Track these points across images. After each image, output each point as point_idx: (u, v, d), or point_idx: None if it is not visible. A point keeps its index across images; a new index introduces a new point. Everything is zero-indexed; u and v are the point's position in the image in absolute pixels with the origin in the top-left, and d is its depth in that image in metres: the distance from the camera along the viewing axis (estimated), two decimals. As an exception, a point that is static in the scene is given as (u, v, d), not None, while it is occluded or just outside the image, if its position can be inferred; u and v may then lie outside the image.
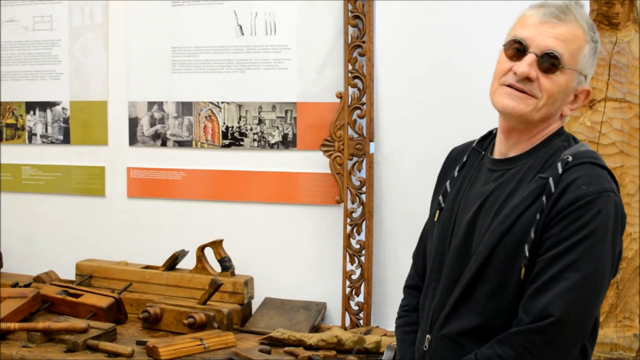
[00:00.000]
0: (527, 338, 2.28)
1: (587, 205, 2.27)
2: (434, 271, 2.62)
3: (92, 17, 4.87)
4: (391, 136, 4.32)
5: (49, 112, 5.00)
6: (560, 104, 2.46)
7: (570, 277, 2.25)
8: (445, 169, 2.81)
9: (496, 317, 2.40)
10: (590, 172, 2.33)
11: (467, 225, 2.51)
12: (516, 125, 2.48)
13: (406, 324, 2.83)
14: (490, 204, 2.47)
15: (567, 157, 2.37)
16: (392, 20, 4.27)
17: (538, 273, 2.30)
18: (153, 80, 4.76)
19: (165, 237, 4.71)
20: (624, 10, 3.37)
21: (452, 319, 2.49)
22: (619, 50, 3.36)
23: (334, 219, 4.42)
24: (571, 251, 2.26)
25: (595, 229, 2.27)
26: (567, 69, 2.41)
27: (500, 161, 2.55)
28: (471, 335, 2.44)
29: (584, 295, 2.28)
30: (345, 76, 4.28)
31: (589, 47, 2.46)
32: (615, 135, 3.33)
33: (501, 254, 2.37)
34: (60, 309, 4.23)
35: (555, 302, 2.24)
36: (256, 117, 4.55)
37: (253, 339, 3.99)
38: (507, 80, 2.44)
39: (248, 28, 4.53)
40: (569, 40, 2.41)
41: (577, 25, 2.43)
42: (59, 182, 5.02)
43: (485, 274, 2.41)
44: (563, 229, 2.28)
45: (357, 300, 4.32)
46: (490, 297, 2.40)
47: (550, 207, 2.30)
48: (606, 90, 3.35)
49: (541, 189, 2.34)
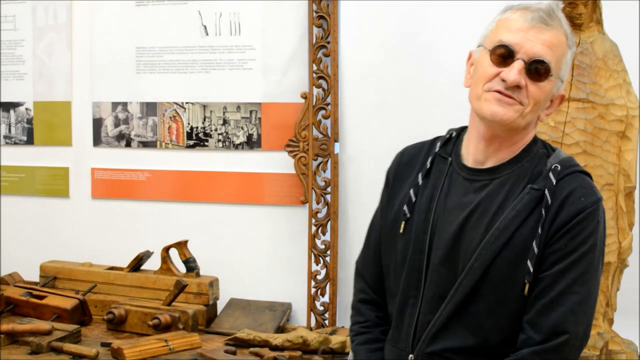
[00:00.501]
0: (543, 358, 2.26)
1: (587, 217, 2.28)
2: (411, 287, 2.52)
3: (56, 17, 4.84)
4: (356, 136, 4.32)
5: (12, 113, 4.97)
6: (539, 108, 2.43)
7: (579, 291, 2.26)
8: (397, 171, 2.72)
9: (494, 335, 2.37)
10: (584, 183, 2.35)
11: (451, 239, 2.44)
12: (500, 133, 2.43)
13: (370, 341, 2.72)
14: (478, 216, 2.41)
15: (556, 166, 2.36)
16: (356, 21, 4.28)
17: (545, 288, 2.29)
18: (117, 81, 4.74)
19: (129, 238, 4.70)
20: (587, 11, 3.38)
21: (442, 337, 2.42)
22: (582, 50, 3.38)
23: (298, 220, 4.42)
24: (577, 265, 2.27)
25: (596, 240, 2.29)
26: (552, 74, 2.37)
27: (480, 171, 2.49)
28: (465, 353, 2.40)
29: (590, 307, 2.30)
30: (310, 76, 4.29)
31: (570, 53, 2.45)
32: (579, 135, 3.34)
33: (499, 270, 2.34)
34: (24, 311, 4.20)
35: (569, 318, 2.24)
36: (221, 118, 4.54)
37: (218, 340, 3.98)
38: (494, 87, 2.37)
39: (212, 28, 4.52)
40: (555, 46, 2.38)
41: (561, 30, 2.40)
42: (22, 183, 4.98)
43: (481, 290, 2.36)
44: (567, 243, 2.28)
45: (323, 301, 4.33)
46: (487, 314, 2.36)
47: (551, 221, 2.30)
48: (569, 90, 3.36)
49: (536, 201, 2.33)
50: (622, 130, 3.38)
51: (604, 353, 3.41)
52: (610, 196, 3.39)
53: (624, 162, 3.39)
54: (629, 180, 3.41)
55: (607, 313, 3.49)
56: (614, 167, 3.38)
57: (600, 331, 3.44)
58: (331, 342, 3.83)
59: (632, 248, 3.47)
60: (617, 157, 3.38)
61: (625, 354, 3.43)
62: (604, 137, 3.36)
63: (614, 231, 3.41)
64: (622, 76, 3.40)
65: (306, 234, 4.36)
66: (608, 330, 3.48)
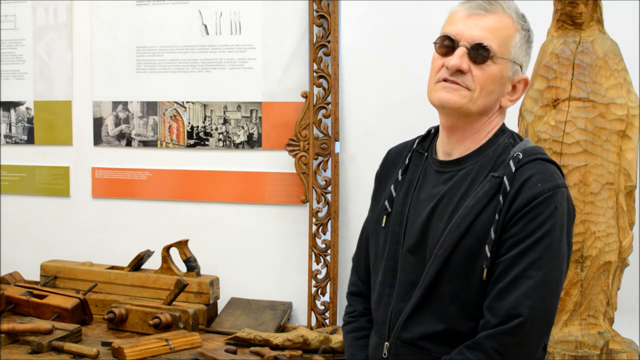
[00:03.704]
0: (498, 340, 2.27)
1: (544, 202, 2.28)
2: (387, 277, 2.60)
3: (57, 17, 4.84)
4: (356, 136, 4.33)
5: (12, 112, 4.97)
6: (498, 95, 2.47)
7: (533, 275, 2.26)
8: (384, 170, 2.80)
9: (460, 320, 2.39)
10: (543, 169, 2.35)
11: (420, 229, 2.50)
12: (456, 122, 2.49)
13: (355, 330, 2.81)
14: (443, 206, 2.46)
15: (518, 154, 2.38)
16: (357, 20, 4.29)
17: (501, 273, 2.30)
18: (118, 80, 4.74)
19: (130, 238, 4.70)
20: (587, 10, 3.39)
21: (413, 324, 2.47)
22: (583, 50, 3.38)
23: (299, 219, 4.42)
24: (532, 249, 2.27)
25: (553, 225, 2.28)
26: (499, 58, 2.42)
27: (447, 162, 2.54)
28: (435, 339, 2.43)
29: (548, 292, 2.28)
30: (311, 76, 4.29)
31: (520, 36, 2.48)
32: (579, 135, 3.35)
33: (460, 256, 2.37)
34: (24, 310, 4.20)
35: (523, 301, 2.24)
36: (221, 117, 4.54)
37: (219, 339, 3.98)
38: (441, 76, 2.45)
39: (213, 28, 4.53)
40: (497, 29, 2.43)
41: (504, 14, 2.45)
42: (23, 183, 4.98)
43: (444, 277, 2.39)
44: (522, 228, 2.29)
45: (323, 300, 4.33)
46: (452, 300, 2.39)
47: (508, 206, 2.31)
48: (570, 89, 3.37)
49: (496, 188, 2.35)
50: (622, 129, 3.38)
51: (605, 352, 3.41)
52: (610, 195, 3.39)
53: (624, 161, 3.39)
54: (629, 180, 3.41)
55: (607, 312, 3.49)
56: (614, 166, 3.38)
57: (601, 330, 3.44)
58: (332, 342, 3.84)
59: (632, 247, 3.48)
60: (617, 156, 3.39)
61: (626, 353, 3.43)
62: (604, 137, 3.36)
63: (615, 230, 3.41)
64: (622, 75, 3.40)
65: (307, 233, 4.36)
66: (608, 330, 3.48)
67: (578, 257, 3.38)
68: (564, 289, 3.39)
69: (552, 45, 3.43)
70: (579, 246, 3.37)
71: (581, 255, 3.38)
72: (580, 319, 3.45)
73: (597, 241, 3.37)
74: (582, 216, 3.36)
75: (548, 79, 3.40)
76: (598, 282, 3.42)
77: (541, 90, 3.42)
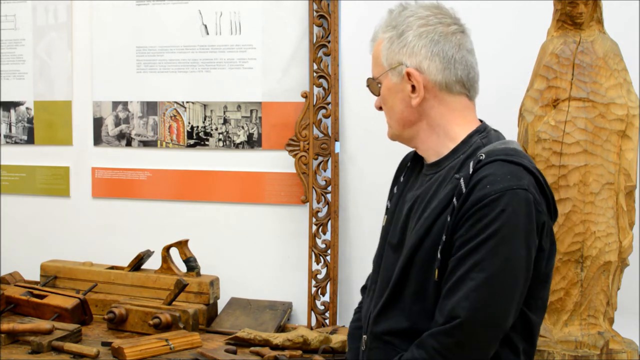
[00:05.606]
0: (438, 340, 2.28)
1: (490, 204, 2.25)
2: (374, 273, 2.72)
3: (57, 17, 4.84)
4: (356, 136, 4.33)
5: (12, 112, 4.97)
6: (401, 103, 2.53)
7: (475, 277, 2.24)
8: (397, 172, 2.87)
9: (422, 320, 2.40)
10: (498, 170, 2.30)
11: (400, 229, 2.56)
12: (409, 145, 2.65)
13: (356, 320, 2.93)
14: (416, 207, 2.50)
15: (481, 155, 2.36)
16: (357, 20, 4.28)
17: (448, 274, 2.31)
18: (118, 80, 4.74)
19: (130, 238, 4.70)
20: (587, 10, 3.38)
21: (382, 319, 2.51)
22: (583, 50, 3.38)
23: (299, 219, 4.42)
24: (475, 251, 2.25)
25: (499, 227, 2.24)
26: (379, 78, 2.55)
27: (430, 165, 2.58)
28: (400, 336, 2.46)
29: (491, 294, 2.25)
30: (311, 76, 4.29)
31: (386, 41, 2.54)
32: (579, 135, 3.34)
33: (421, 257, 2.40)
34: (24, 310, 4.20)
35: (461, 303, 2.24)
36: (221, 117, 4.54)
37: (219, 339, 3.98)
38: None
39: (213, 27, 4.53)
40: (375, 58, 2.59)
41: (379, 40, 2.58)
42: (22, 183, 4.99)
43: (409, 276, 2.43)
44: (468, 230, 2.28)
45: (323, 300, 4.33)
46: (414, 299, 2.42)
47: (459, 208, 2.31)
48: (570, 89, 3.36)
49: (454, 190, 2.35)
50: (622, 129, 3.38)
51: (605, 352, 3.41)
52: (610, 195, 3.39)
53: (624, 161, 3.39)
54: (629, 180, 3.40)
55: (607, 312, 3.48)
56: (614, 166, 3.37)
57: (601, 330, 3.44)
58: (332, 342, 3.84)
59: (632, 247, 3.47)
60: (617, 156, 3.38)
61: (626, 353, 3.43)
62: (604, 137, 3.36)
63: (615, 230, 3.41)
64: (622, 75, 3.40)
65: (307, 233, 4.36)
66: (608, 330, 3.48)
67: (578, 257, 3.38)
68: (564, 289, 3.40)
69: (552, 45, 3.43)
70: (579, 246, 3.37)
71: (581, 255, 3.38)
72: (580, 319, 3.45)
73: (597, 241, 3.37)
74: (582, 216, 3.36)
75: (548, 79, 3.40)
76: (598, 282, 3.41)
77: (541, 90, 3.42)
